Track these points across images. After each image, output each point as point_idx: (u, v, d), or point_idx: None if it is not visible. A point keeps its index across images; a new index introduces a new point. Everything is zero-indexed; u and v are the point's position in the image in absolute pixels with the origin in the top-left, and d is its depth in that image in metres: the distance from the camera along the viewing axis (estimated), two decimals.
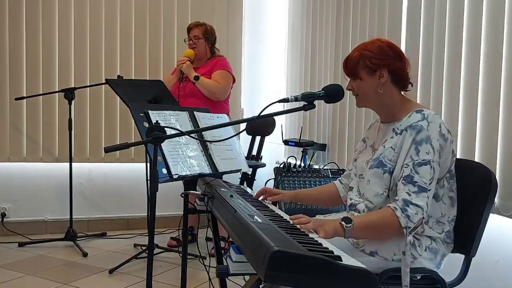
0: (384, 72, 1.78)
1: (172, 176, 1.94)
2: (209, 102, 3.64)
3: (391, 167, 1.75)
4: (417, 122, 1.71)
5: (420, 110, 1.75)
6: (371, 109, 1.96)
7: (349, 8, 3.37)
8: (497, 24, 2.20)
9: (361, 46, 1.84)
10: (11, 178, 4.13)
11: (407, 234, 1.63)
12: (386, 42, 1.84)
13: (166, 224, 4.35)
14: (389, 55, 1.79)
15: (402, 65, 1.81)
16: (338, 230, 1.58)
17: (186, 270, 2.40)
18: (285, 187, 3.09)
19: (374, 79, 1.79)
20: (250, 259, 1.29)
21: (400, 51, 1.84)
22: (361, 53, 1.80)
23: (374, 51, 1.79)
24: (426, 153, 1.67)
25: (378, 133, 1.92)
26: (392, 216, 1.62)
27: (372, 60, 1.78)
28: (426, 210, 1.65)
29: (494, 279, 2.24)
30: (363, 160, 1.92)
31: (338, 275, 1.15)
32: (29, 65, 4.11)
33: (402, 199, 1.64)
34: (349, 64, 1.83)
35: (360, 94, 1.85)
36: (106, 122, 4.32)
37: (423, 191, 1.65)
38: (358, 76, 1.81)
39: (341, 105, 3.38)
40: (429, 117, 1.71)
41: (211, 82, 3.65)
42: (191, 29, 3.80)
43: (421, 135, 1.69)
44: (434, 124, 1.70)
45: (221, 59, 3.80)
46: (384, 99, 1.82)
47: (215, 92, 3.66)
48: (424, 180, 1.66)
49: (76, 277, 3.16)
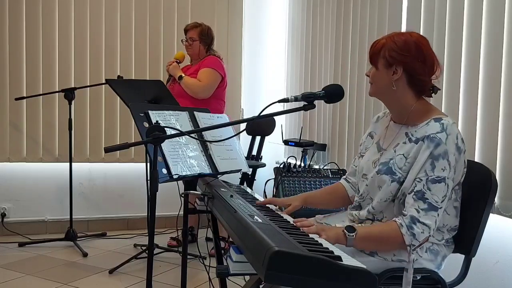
0: (399, 69, 1.67)
1: (172, 176, 1.94)
2: (197, 101, 3.65)
3: (401, 177, 1.67)
4: (435, 133, 1.61)
5: (438, 118, 1.65)
6: (383, 102, 1.85)
7: (349, 8, 3.36)
8: (497, 24, 2.20)
9: (391, 34, 1.72)
10: (11, 178, 4.14)
11: (411, 252, 1.60)
12: (416, 38, 1.70)
13: (166, 224, 4.35)
14: (410, 53, 1.66)
15: (422, 68, 1.67)
16: (340, 238, 1.57)
17: (186, 270, 2.40)
18: (285, 187, 3.08)
19: (388, 74, 1.69)
20: (250, 259, 1.29)
21: (427, 53, 1.69)
22: (386, 42, 1.70)
23: (398, 44, 1.67)
24: (442, 170, 1.60)
25: (387, 130, 1.83)
26: (396, 232, 1.59)
27: (391, 52, 1.67)
28: (433, 228, 1.61)
29: (494, 279, 2.23)
30: (368, 159, 1.85)
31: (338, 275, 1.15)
32: (29, 65, 4.11)
33: (410, 215, 1.60)
34: (373, 49, 1.73)
35: (374, 84, 1.76)
36: (106, 122, 4.32)
37: (432, 210, 1.59)
38: (376, 64, 1.72)
39: (341, 105, 3.37)
40: (448, 128, 1.61)
41: (192, 81, 3.66)
42: (187, 31, 3.82)
43: (439, 150, 1.60)
44: (452, 137, 1.61)
45: (210, 58, 3.78)
46: (397, 98, 1.72)
47: (196, 91, 3.66)
48: (435, 198, 1.60)
49: (76, 277, 3.16)
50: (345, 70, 3.39)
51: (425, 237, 1.61)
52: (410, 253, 1.60)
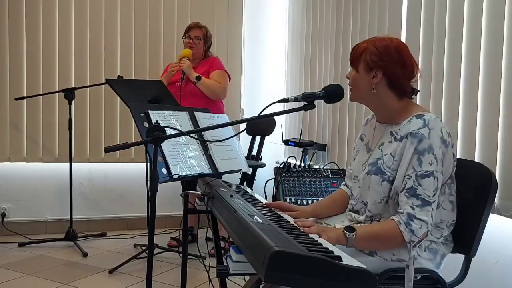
0: (379, 73, 1.72)
1: (172, 176, 1.94)
2: (209, 101, 3.68)
3: (390, 176, 1.70)
4: (418, 129, 1.64)
5: (420, 115, 1.68)
6: (366, 106, 1.90)
7: (349, 8, 3.36)
8: (497, 24, 2.20)
9: (372, 39, 1.77)
10: (11, 178, 4.14)
11: (411, 249, 1.61)
12: (397, 43, 1.74)
13: (166, 224, 4.36)
14: (390, 58, 1.71)
15: (402, 73, 1.72)
16: (340, 238, 1.58)
17: (186, 270, 2.40)
18: (285, 187, 3.09)
19: (368, 77, 1.73)
20: (250, 259, 1.29)
21: (406, 57, 1.73)
22: (367, 46, 1.74)
23: (378, 49, 1.72)
24: (429, 164, 1.62)
25: (374, 131, 1.87)
26: (395, 230, 1.61)
27: (372, 57, 1.72)
28: (430, 223, 1.62)
29: (494, 279, 2.23)
30: (359, 161, 1.89)
31: (338, 275, 1.15)
32: (29, 65, 4.11)
33: (406, 213, 1.61)
34: (354, 52, 1.78)
35: (354, 86, 1.80)
36: (106, 122, 4.32)
37: (426, 205, 1.61)
38: (356, 68, 1.77)
39: (341, 105, 3.38)
40: (430, 123, 1.64)
41: (213, 83, 3.70)
42: (192, 29, 3.82)
43: (423, 145, 1.62)
44: (435, 131, 1.64)
45: (217, 59, 3.87)
46: (378, 100, 1.77)
47: (218, 92, 3.73)
48: (427, 192, 1.62)
49: (76, 277, 3.16)
50: (345, 70, 3.39)
51: (423, 232, 1.62)
52: (411, 250, 1.61)
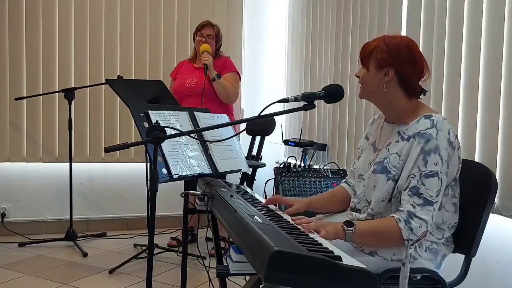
0: (390, 71, 1.71)
1: (172, 176, 1.94)
2: (222, 102, 3.66)
3: (396, 175, 1.70)
4: (425, 129, 1.64)
5: (429, 115, 1.69)
6: (374, 104, 1.90)
7: (349, 8, 3.36)
8: (497, 24, 2.20)
9: (382, 37, 1.76)
10: (11, 178, 4.13)
11: (409, 247, 1.62)
12: (407, 41, 1.75)
13: (166, 224, 4.35)
14: (402, 56, 1.71)
15: (413, 71, 1.72)
16: (339, 233, 1.58)
17: (186, 270, 2.40)
18: (285, 187, 3.09)
19: (379, 75, 1.73)
20: (250, 259, 1.29)
21: (417, 56, 1.74)
22: (378, 44, 1.73)
23: (389, 47, 1.71)
24: (434, 164, 1.62)
25: (382, 131, 1.87)
26: (395, 227, 1.61)
27: (383, 55, 1.71)
28: (430, 223, 1.62)
29: (494, 279, 2.23)
30: (364, 160, 1.89)
31: (338, 275, 1.15)
32: (29, 65, 4.11)
33: (406, 210, 1.62)
34: (364, 50, 1.77)
35: (364, 85, 1.80)
36: (106, 122, 4.32)
37: (428, 204, 1.62)
38: (367, 66, 1.76)
39: (341, 105, 3.37)
40: (438, 124, 1.65)
41: (229, 85, 3.65)
42: (204, 27, 3.75)
43: (430, 145, 1.62)
44: (443, 132, 1.64)
45: (229, 60, 3.81)
46: (387, 98, 1.76)
47: (232, 96, 3.70)
48: (430, 192, 1.62)
49: (76, 277, 3.15)
50: (345, 70, 3.39)
51: (422, 232, 1.62)
52: (408, 248, 1.62)
